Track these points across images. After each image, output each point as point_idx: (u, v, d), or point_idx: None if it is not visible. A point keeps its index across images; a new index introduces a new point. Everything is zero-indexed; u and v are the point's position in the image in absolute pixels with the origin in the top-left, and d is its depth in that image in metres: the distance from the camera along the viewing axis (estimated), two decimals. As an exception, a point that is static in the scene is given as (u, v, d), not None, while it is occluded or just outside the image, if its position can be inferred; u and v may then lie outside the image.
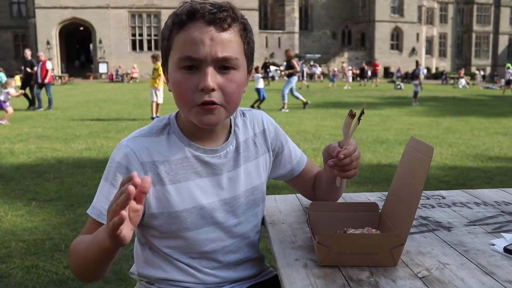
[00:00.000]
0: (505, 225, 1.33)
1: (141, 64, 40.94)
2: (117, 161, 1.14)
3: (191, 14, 1.07)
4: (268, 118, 1.36)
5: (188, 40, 1.07)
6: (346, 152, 1.16)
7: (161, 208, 1.16)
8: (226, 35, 1.08)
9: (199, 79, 1.08)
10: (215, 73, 1.08)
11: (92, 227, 1.14)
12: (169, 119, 1.22)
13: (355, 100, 18.69)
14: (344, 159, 1.16)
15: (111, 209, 0.86)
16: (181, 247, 1.20)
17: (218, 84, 1.09)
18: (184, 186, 1.17)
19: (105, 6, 41.96)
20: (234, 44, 1.09)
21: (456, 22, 61.42)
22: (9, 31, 46.57)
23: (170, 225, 1.18)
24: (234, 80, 1.11)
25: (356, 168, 1.20)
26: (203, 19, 1.07)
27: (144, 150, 1.15)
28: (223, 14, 1.07)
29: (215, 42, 1.06)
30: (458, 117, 12.61)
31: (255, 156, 1.29)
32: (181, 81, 1.09)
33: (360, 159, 1.22)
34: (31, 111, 13.78)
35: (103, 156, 6.74)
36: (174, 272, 1.21)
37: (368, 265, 1.05)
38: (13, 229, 3.76)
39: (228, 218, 1.23)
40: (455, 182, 5.34)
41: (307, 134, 8.97)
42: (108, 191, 1.14)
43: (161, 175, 1.15)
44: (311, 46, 53.38)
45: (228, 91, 1.10)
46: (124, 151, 1.14)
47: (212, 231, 1.21)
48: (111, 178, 1.14)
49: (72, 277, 2.89)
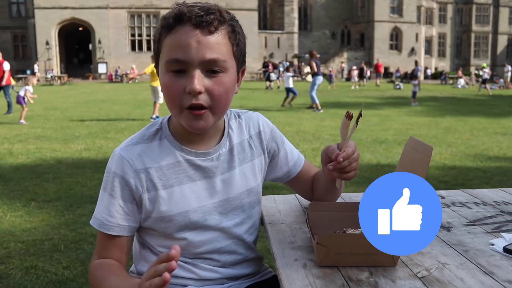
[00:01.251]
0: (505, 225, 1.33)
1: (140, 64, 40.90)
2: (112, 171, 1.17)
3: (178, 18, 1.08)
4: (264, 119, 1.36)
5: (175, 43, 1.08)
6: (345, 155, 1.15)
7: (155, 212, 1.18)
8: (213, 38, 1.08)
9: (186, 82, 1.08)
10: (202, 76, 1.08)
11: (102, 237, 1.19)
12: (161, 123, 1.24)
13: (355, 100, 18.70)
14: (343, 162, 1.15)
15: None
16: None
17: (206, 87, 1.09)
18: (176, 190, 1.18)
19: (104, 7, 41.93)
20: (221, 47, 1.09)
21: (455, 22, 61.43)
22: (8, 31, 46.52)
23: (164, 229, 1.20)
24: (222, 83, 1.11)
25: (355, 169, 1.20)
26: (190, 22, 1.07)
27: (136, 158, 1.17)
28: (210, 17, 1.07)
29: (201, 45, 1.07)
30: (457, 117, 12.62)
31: (250, 158, 1.29)
32: (169, 84, 1.10)
33: (359, 159, 1.22)
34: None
35: (103, 157, 6.74)
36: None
37: (367, 265, 1.05)
38: (12, 229, 3.76)
39: (222, 220, 1.23)
40: (454, 182, 5.34)
41: (306, 134, 8.97)
42: (108, 201, 1.17)
43: (154, 181, 1.17)
44: (310, 46, 53.23)
45: (215, 94, 1.10)
46: (118, 161, 1.17)
47: (207, 233, 1.22)
48: (109, 188, 1.17)
49: (71, 278, 2.89)
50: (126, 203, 1.17)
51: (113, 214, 1.16)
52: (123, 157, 1.17)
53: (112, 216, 1.16)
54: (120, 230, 1.17)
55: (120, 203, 1.16)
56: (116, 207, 1.16)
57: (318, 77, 13.68)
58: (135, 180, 1.16)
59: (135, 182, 1.16)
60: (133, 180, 1.16)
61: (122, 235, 1.18)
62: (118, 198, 1.16)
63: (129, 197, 1.16)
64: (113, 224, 1.16)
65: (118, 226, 1.17)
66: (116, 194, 1.16)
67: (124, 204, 1.16)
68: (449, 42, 61.36)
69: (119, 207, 1.16)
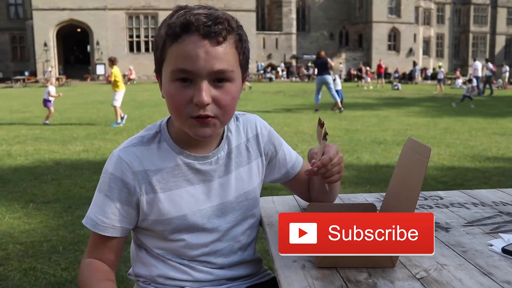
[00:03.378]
0: (503, 226, 1.33)
1: (138, 65, 40.93)
2: (110, 172, 1.16)
3: (185, 27, 1.05)
4: (262, 122, 1.36)
5: (182, 53, 1.05)
6: (319, 163, 1.17)
7: (153, 215, 1.18)
8: (221, 49, 1.06)
9: (193, 92, 1.06)
10: (210, 86, 1.07)
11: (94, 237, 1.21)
12: (160, 126, 1.22)
13: (353, 101, 18.70)
14: (317, 170, 1.17)
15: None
16: (173, 250, 1.22)
17: (213, 97, 1.08)
18: (175, 194, 1.18)
19: (102, 8, 41.92)
20: (229, 57, 1.08)
21: (453, 23, 61.51)
22: (7, 32, 46.52)
23: (162, 231, 1.20)
24: (229, 92, 1.10)
25: (338, 172, 1.21)
26: (198, 32, 1.04)
27: (135, 160, 1.16)
28: (218, 27, 1.05)
29: (210, 56, 1.05)
30: (455, 117, 12.63)
31: (247, 161, 1.29)
32: (175, 93, 1.08)
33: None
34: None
35: (101, 158, 6.73)
36: (168, 270, 1.22)
37: (366, 266, 1.05)
38: (11, 231, 3.76)
39: (219, 223, 1.23)
40: (453, 182, 5.35)
41: (304, 135, 8.97)
42: (103, 202, 1.17)
43: (153, 184, 1.16)
44: (308, 47, 53.38)
45: (223, 103, 1.09)
46: (117, 162, 1.16)
47: (204, 236, 1.22)
48: (106, 189, 1.16)
49: (69, 280, 2.88)
50: (122, 205, 1.16)
51: (109, 215, 1.16)
52: (122, 158, 1.16)
53: (107, 218, 1.16)
54: (114, 231, 1.17)
55: (116, 205, 1.16)
56: (112, 209, 1.16)
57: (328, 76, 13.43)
58: (133, 182, 1.15)
59: (133, 184, 1.15)
60: (131, 182, 1.15)
61: (115, 236, 1.18)
62: (114, 200, 1.16)
63: (126, 199, 1.16)
64: (108, 226, 1.16)
65: (112, 227, 1.17)
66: (113, 195, 1.15)
67: (120, 206, 1.16)
68: (447, 43, 61.45)
69: (115, 208, 1.16)
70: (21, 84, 33.66)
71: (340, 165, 1.21)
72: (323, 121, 1.19)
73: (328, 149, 1.19)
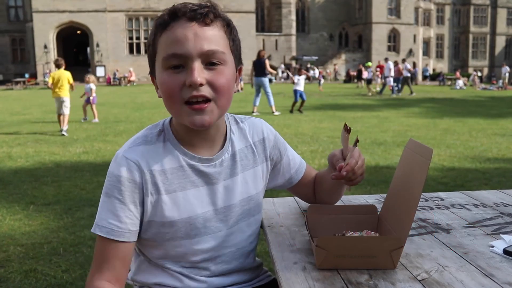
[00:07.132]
0: (504, 227, 1.33)
1: (138, 67, 40.91)
2: (117, 174, 1.11)
3: (173, 14, 1.07)
4: (268, 126, 1.35)
5: (172, 39, 1.06)
6: (348, 168, 1.18)
7: (156, 217, 1.14)
8: (210, 30, 1.07)
9: (186, 76, 1.06)
10: (202, 68, 1.06)
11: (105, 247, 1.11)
12: (163, 125, 1.20)
13: (353, 102, 18.70)
14: (346, 175, 1.19)
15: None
16: (173, 256, 1.19)
17: (207, 79, 1.07)
18: (179, 196, 1.15)
19: (102, 10, 41.93)
20: (218, 39, 1.08)
21: (453, 23, 61.51)
22: (7, 35, 46.52)
23: (164, 234, 1.16)
24: (224, 74, 1.09)
25: (362, 174, 1.23)
26: (185, 16, 1.06)
27: (142, 159, 1.13)
28: (204, 9, 1.07)
29: (199, 37, 1.05)
30: (455, 118, 12.62)
31: (252, 165, 1.27)
32: (168, 80, 1.07)
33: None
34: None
35: (101, 160, 6.73)
36: (165, 278, 1.20)
37: (367, 268, 1.04)
38: (11, 233, 3.75)
39: (221, 227, 1.21)
40: (453, 183, 5.34)
41: (305, 137, 8.97)
42: (114, 206, 1.10)
43: (158, 184, 1.13)
44: (308, 48, 53.40)
45: (218, 84, 1.08)
46: (124, 164, 1.12)
47: (205, 241, 1.19)
48: (116, 193, 1.10)
49: (70, 281, 2.88)
50: (136, 207, 1.12)
51: (123, 219, 1.10)
52: (128, 158, 1.12)
53: (122, 222, 1.10)
54: (130, 236, 1.12)
55: (130, 208, 1.11)
56: (126, 212, 1.10)
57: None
58: (141, 180, 1.11)
59: (141, 183, 1.11)
60: (140, 180, 1.11)
61: (131, 241, 1.13)
62: (127, 203, 1.10)
63: (139, 200, 1.12)
64: (124, 230, 1.10)
65: (129, 232, 1.11)
66: (124, 198, 1.10)
67: (134, 208, 1.11)
68: (447, 43, 61.43)
69: (129, 211, 1.11)
70: (21, 86, 33.67)
71: (363, 168, 1.23)
72: (349, 126, 1.20)
73: (353, 153, 1.20)
